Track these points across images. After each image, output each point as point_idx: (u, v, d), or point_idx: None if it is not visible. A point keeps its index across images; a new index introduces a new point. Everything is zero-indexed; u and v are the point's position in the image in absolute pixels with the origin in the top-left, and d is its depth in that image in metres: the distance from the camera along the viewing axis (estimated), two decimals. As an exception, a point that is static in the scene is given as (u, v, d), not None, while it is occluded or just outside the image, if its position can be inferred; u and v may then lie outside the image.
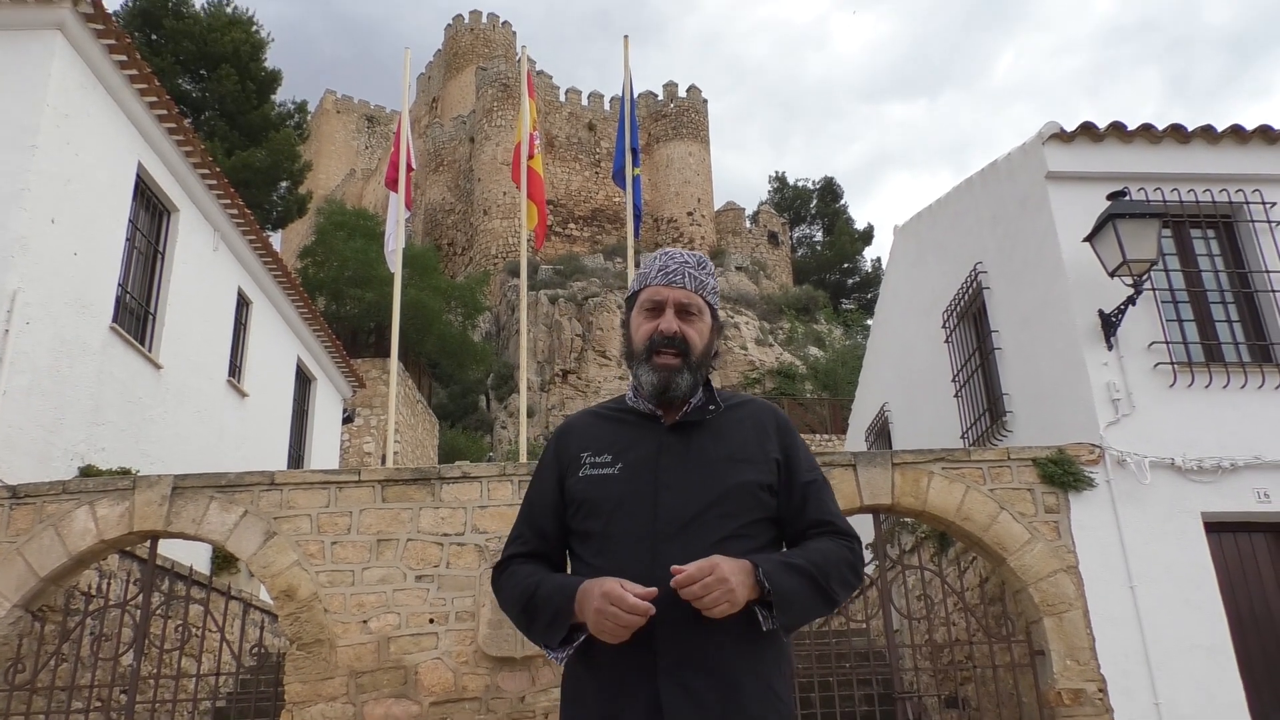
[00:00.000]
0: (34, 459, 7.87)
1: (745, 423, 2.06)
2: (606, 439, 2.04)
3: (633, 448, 2.00)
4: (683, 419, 2.03)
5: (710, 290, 2.09)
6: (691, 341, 2.02)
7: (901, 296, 12.29)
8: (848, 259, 56.66)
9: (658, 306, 2.05)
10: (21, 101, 8.18)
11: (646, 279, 2.09)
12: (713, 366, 2.11)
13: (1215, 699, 6.57)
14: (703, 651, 1.81)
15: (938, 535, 8.40)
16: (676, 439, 2.00)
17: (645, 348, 2.02)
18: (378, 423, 20.97)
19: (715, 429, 2.03)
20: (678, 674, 1.80)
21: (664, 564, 1.81)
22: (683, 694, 1.78)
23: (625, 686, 1.82)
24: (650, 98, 51.73)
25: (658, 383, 1.99)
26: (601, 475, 1.98)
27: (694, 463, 1.96)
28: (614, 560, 1.88)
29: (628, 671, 1.82)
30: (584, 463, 2.01)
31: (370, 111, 73.62)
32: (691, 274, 2.06)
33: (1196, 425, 7.36)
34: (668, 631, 1.80)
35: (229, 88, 26.25)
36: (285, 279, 13.53)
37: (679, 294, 2.04)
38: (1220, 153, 8.21)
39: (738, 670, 1.83)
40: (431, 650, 6.68)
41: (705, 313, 2.07)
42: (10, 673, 6.55)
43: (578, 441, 2.06)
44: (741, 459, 1.98)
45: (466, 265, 47.11)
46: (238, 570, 10.74)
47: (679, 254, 2.10)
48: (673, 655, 1.80)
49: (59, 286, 8.36)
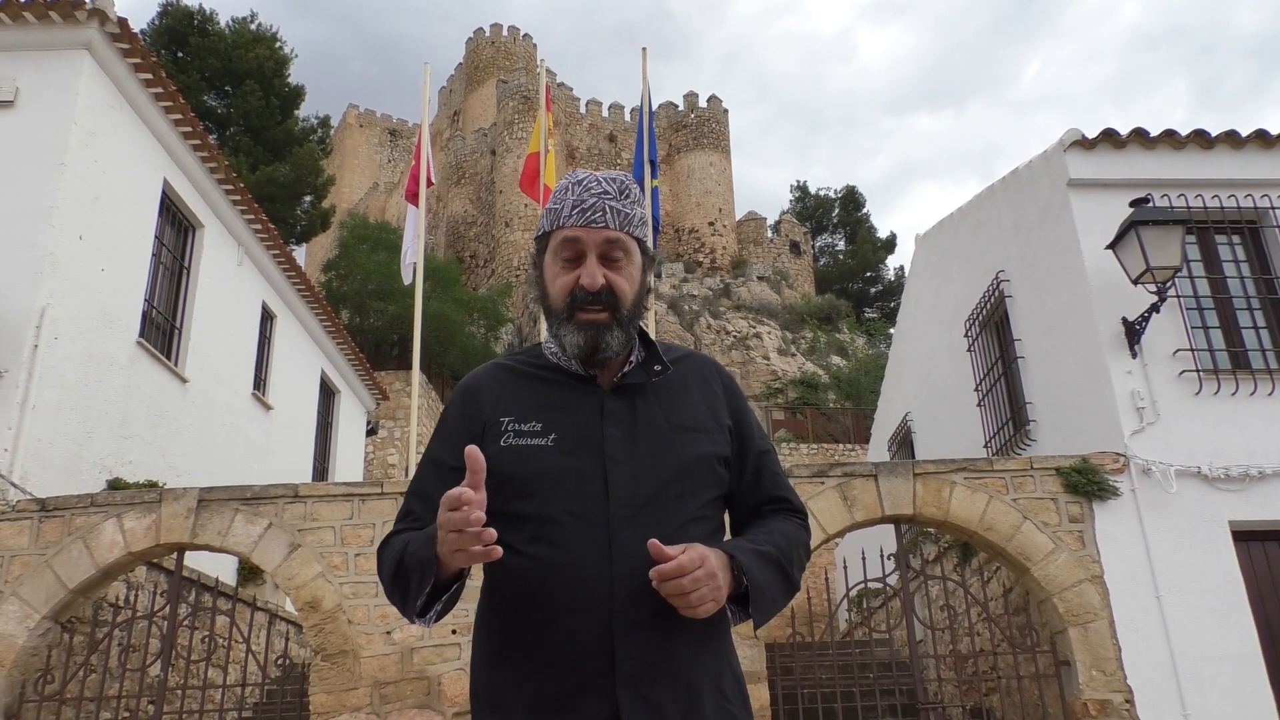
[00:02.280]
0: (62, 472, 7.98)
1: (691, 384, 1.77)
2: (532, 402, 1.69)
3: (567, 415, 1.67)
4: (623, 380, 1.71)
5: (638, 222, 1.73)
6: (620, 292, 1.68)
7: (923, 305, 12.24)
8: (870, 268, 56.50)
9: (578, 252, 1.68)
10: (50, 121, 8.33)
11: (560, 218, 1.70)
12: (645, 308, 1.76)
13: (1244, 710, 6.48)
14: (669, 659, 1.55)
15: (960, 545, 8.35)
16: (619, 404, 1.69)
17: (567, 303, 1.67)
18: (401, 434, 21.10)
19: (661, 392, 1.72)
20: (640, 686, 1.53)
21: (623, 556, 1.55)
22: (647, 711, 1.52)
23: (570, 701, 1.54)
24: (671, 108, 51.89)
25: (584, 344, 1.65)
26: (531, 446, 1.64)
27: (643, 433, 1.66)
28: (561, 550, 1.57)
29: (575, 680, 1.54)
30: (506, 429, 1.66)
31: (393, 125, 74.26)
32: (614, 208, 1.68)
33: (1223, 433, 7.28)
34: (631, 635, 1.53)
35: (253, 104, 26.58)
36: (309, 293, 13.65)
37: (601, 235, 1.67)
38: (1245, 158, 8.14)
39: (700, 682, 1.59)
40: (454, 661, 6.70)
41: (634, 251, 1.71)
42: (40, 683, 6.64)
43: (493, 403, 1.70)
44: (694, 428, 1.70)
45: (489, 277, 47.36)
46: (263, 582, 10.83)
47: (596, 181, 1.70)
48: (636, 664, 1.53)
49: (87, 302, 8.48)
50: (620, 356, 1.70)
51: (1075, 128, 8.13)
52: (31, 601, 6.68)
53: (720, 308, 42.16)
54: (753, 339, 40.24)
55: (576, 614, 1.55)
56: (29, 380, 7.62)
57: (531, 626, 1.58)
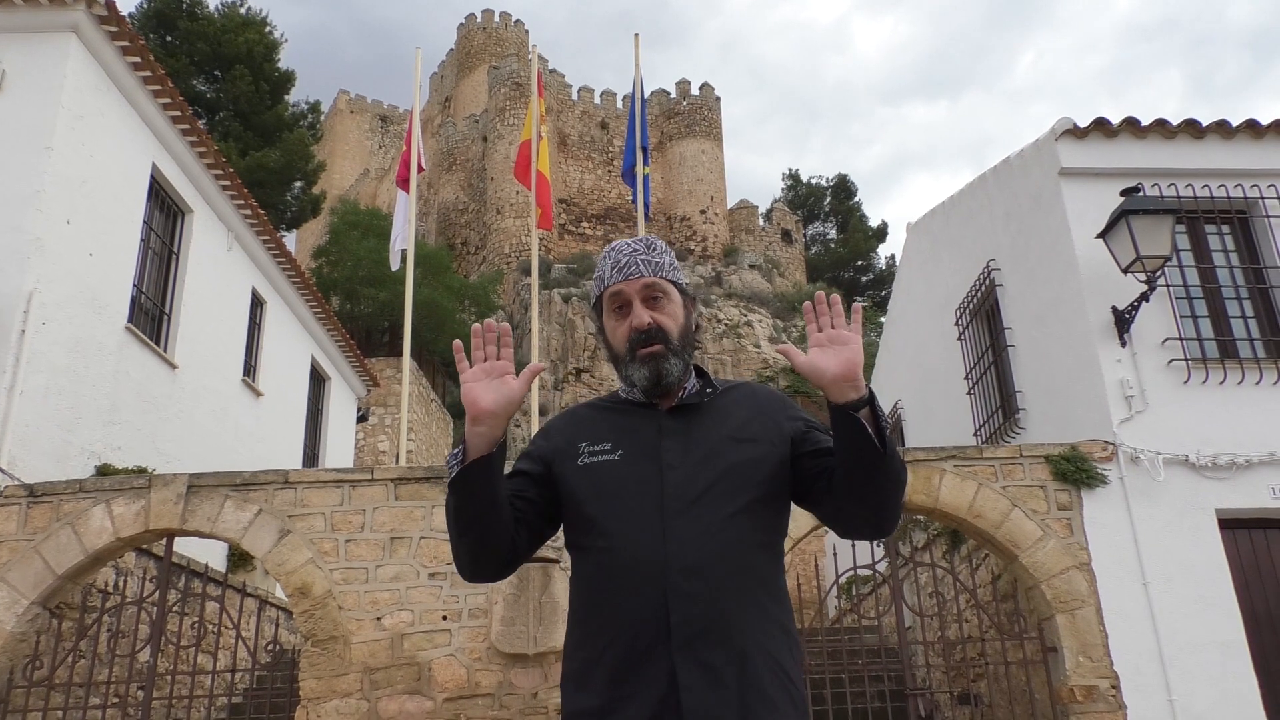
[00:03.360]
0: (51, 458, 7.94)
1: (743, 403, 2.02)
2: (604, 427, 1.99)
3: (632, 434, 1.96)
4: (679, 403, 1.98)
5: (669, 269, 2.03)
6: (666, 327, 1.97)
7: (914, 294, 12.26)
8: (861, 256, 56.52)
9: (625, 303, 1.99)
10: (37, 103, 8.26)
11: (604, 281, 2.03)
12: (697, 342, 2.06)
13: (1229, 695, 6.54)
14: (719, 625, 1.76)
15: (949, 532, 8.39)
16: (676, 422, 1.96)
17: (627, 347, 1.98)
18: (392, 421, 21.06)
19: (713, 410, 1.99)
20: (694, 649, 1.74)
21: (676, 539, 1.80)
22: (700, 670, 1.72)
23: (635, 664, 1.76)
24: (663, 96, 51.71)
25: (650, 374, 1.95)
26: (602, 462, 1.93)
27: (695, 442, 1.92)
28: (621, 540, 1.83)
29: (638, 647, 1.76)
30: (582, 452, 1.96)
31: (384, 111, 73.87)
32: (644, 260, 2.00)
33: (1211, 422, 7.32)
34: (682, 604, 1.75)
35: (243, 88, 26.40)
36: (299, 279, 13.60)
37: (638, 284, 1.98)
38: (1235, 148, 8.15)
39: (750, 647, 1.77)
40: (445, 647, 6.71)
41: (672, 292, 2.01)
42: (29, 669, 6.62)
43: (574, 432, 2.01)
44: (743, 438, 1.94)
45: (480, 264, 47.23)
46: (253, 568, 10.82)
47: (625, 245, 2.04)
48: (688, 629, 1.74)
49: (75, 287, 8.43)
50: (678, 385, 1.98)
51: (1067, 117, 8.15)
52: (20, 587, 6.66)
53: (711, 296, 42.16)
54: (744, 327, 40.26)
55: (637, 592, 1.79)
56: (16, 365, 7.58)
57: (602, 609, 1.84)
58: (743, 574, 1.81)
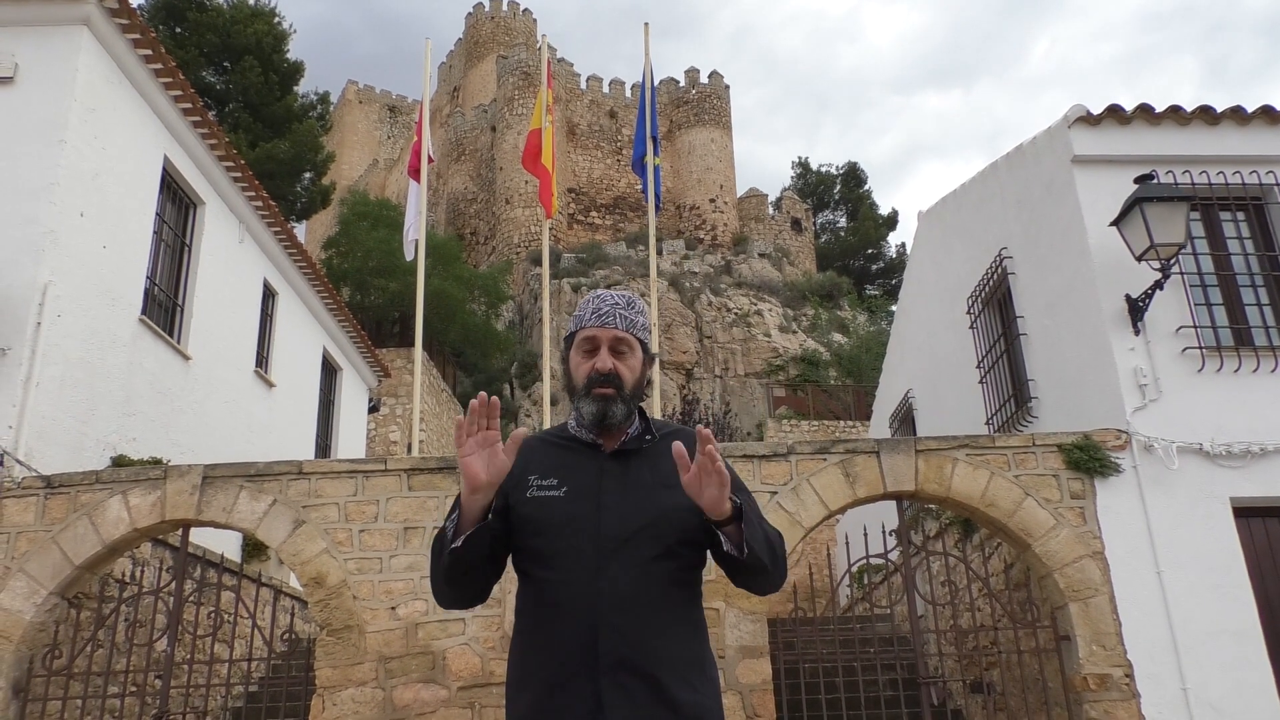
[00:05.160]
0: (67, 449, 8.00)
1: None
2: (552, 464, 2.24)
3: (577, 473, 2.21)
4: (621, 447, 2.24)
5: (640, 328, 2.30)
6: (623, 376, 2.23)
7: (926, 282, 12.22)
8: (872, 244, 56.36)
9: (594, 346, 2.26)
10: (49, 96, 8.29)
11: (582, 321, 2.29)
12: (645, 395, 2.33)
13: (1243, 684, 6.53)
14: (639, 654, 2.05)
15: (961, 521, 8.39)
16: (616, 465, 2.22)
17: (585, 384, 2.23)
18: (403, 412, 21.12)
19: (650, 457, 2.23)
20: (616, 675, 2.03)
21: (607, 576, 2.08)
22: (622, 693, 2.02)
23: (566, 682, 2.05)
24: (672, 84, 51.56)
25: (596, 412, 2.20)
26: (548, 497, 2.17)
27: (630, 487, 2.18)
28: (561, 573, 2.10)
29: (570, 668, 2.05)
30: (531, 484, 2.20)
31: (392, 101, 73.82)
32: (622, 314, 2.27)
33: (1225, 410, 7.29)
34: (610, 636, 2.05)
35: (252, 80, 26.42)
36: (310, 270, 13.64)
37: (610, 334, 2.25)
38: (1250, 134, 8.10)
39: (665, 674, 2.06)
40: (459, 636, 6.75)
41: (636, 349, 2.28)
42: (48, 658, 6.69)
43: (524, 464, 2.22)
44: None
45: (489, 254, 47.25)
46: (268, 558, 10.89)
47: (610, 296, 2.31)
48: (613, 657, 2.04)
49: (88, 279, 8.47)
50: (621, 427, 2.24)
51: (1080, 104, 8.10)
52: (38, 578, 6.72)
53: (721, 285, 42.09)
54: (754, 316, 40.20)
55: (572, 619, 2.07)
56: (32, 358, 7.63)
57: (542, 629, 2.12)
58: (662, 611, 2.11)
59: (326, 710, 6.56)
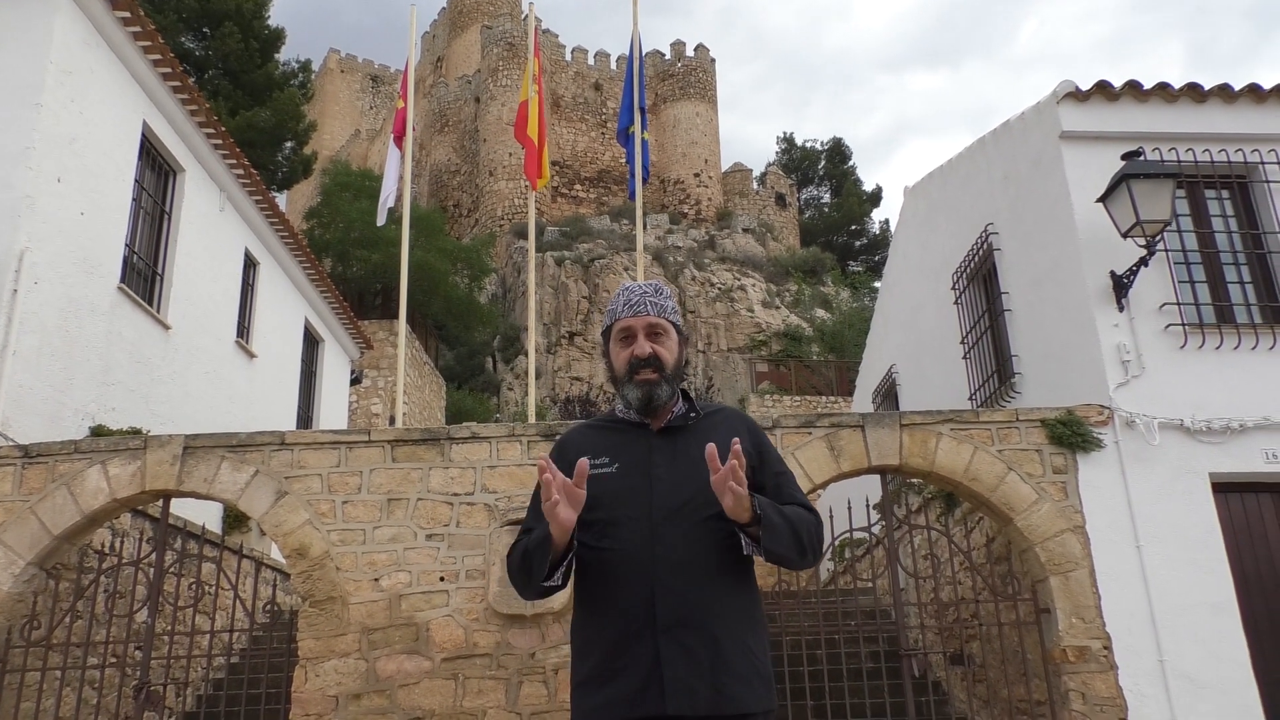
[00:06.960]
0: (44, 419, 7.91)
1: (720, 427, 2.40)
2: (603, 445, 2.39)
3: (627, 450, 2.37)
4: (667, 425, 2.40)
5: (671, 311, 2.47)
6: (664, 358, 2.39)
7: (911, 258, 12.22)
8: (855, 221, 56.37)
9: (630, 335, 2.41)
10: (25, 58, 8.12)
11: (616, 314, 2.46)
12: (685, 375, 2.50)
13: (1220, 656, 6.62)
14: (696, 614, 2.18)
15: (944, 495, 8.43)
16: (664, 441, 2.37)
17: (627, 371, 2.39)
18: (385, 384, 21.04)
19: (695, 432, 2.38)
20: (674, 633, 2.16)
21: (662, 542, 2.22)
22: (680, 650, 2.15)
23: (627, 643, 2.18)
24: (658, 57, 51.21)
25: (642, 396, 2.36)
26: (601, 474, 2.31)
27: (679, 460, 2.33)
28: (618, 541, 2.24)
29: (630, 630, 2.18)
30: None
31: (375, 71, 73.00)
32: (652, 301, 2.43)
33: (1206, 386, 7.34)
34: (666, 597, 2.18)
35: (232, 46, 25.99)
36: (292, 240, 13.50)
37: (645, 321, 2.40)
38: (1236, 112, 8.10)
39: (721, 632, 2.19)
40: (443, 608, 6.75)
41: (670, 331, 2.44)
42: (26, 629, 6.64)
43: (576, 449, 2.37)
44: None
45: (472, 227, 46.98)
46: (249, 529, 10.83)
47: (638, 287, 2.46)
48: (671, 617, 2.17)
49: (66, 246, 8.35)
50: (667, 406, 2.40)
51: (1069, 79, 8.07)
52: (16, 548, 6.66)
53: (705, 259, 42.04)
54: (737, 291, 40.21)
55: (630, 585, 2.22)
56: (9, 325, 7.53)
57: (601, 596, 2.27)
58: (716, 571, 2.23)
59: (309, 681, 6.55)
